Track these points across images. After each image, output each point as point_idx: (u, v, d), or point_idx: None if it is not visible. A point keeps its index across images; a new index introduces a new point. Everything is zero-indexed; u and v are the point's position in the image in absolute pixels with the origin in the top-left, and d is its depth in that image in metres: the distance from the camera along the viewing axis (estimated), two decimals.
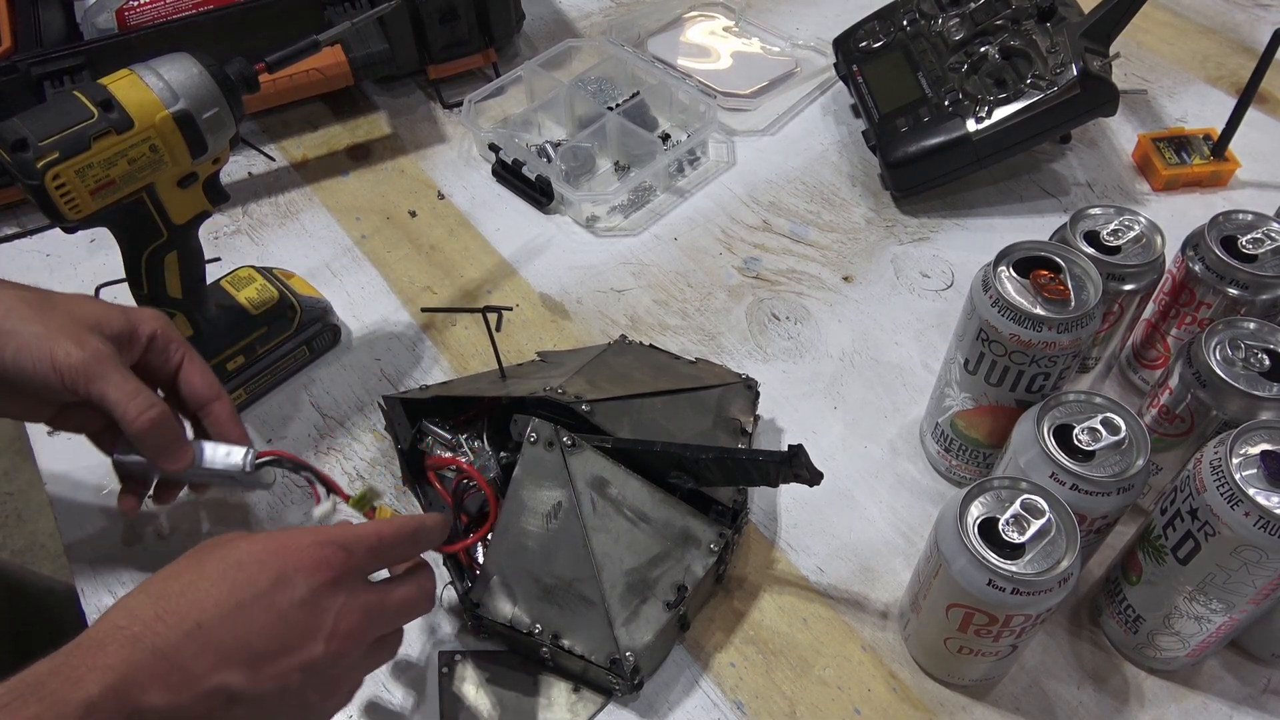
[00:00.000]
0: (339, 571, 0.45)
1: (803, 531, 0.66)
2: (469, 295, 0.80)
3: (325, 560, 0.45)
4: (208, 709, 0.40)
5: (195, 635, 0.40)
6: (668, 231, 0.86)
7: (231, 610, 0.42)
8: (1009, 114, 0.81)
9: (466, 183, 0.90)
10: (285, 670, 0.43)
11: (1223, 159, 0.88)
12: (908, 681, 0.59)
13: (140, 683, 0.38)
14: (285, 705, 0.43)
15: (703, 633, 0.61)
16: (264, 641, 0.42)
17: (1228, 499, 0.48)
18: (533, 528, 0.58)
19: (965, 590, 0.50)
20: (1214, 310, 0.64)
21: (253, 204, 0.88)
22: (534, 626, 0.56)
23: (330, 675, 0.45)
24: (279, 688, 0.42)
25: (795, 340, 0.77)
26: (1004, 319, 0.55)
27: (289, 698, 0.43)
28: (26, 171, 0.54)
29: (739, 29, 1.04)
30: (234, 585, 0.42)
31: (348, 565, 0.46)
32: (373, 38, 0.89)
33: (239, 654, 0.41)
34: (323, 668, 0.44)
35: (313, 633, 0.44)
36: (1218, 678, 0.59)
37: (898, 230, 0.86)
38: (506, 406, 0.63)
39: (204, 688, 0.40)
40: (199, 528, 0.66)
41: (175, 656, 0.40)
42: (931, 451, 0.68)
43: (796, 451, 0.55)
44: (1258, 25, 1.07)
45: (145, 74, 0.58)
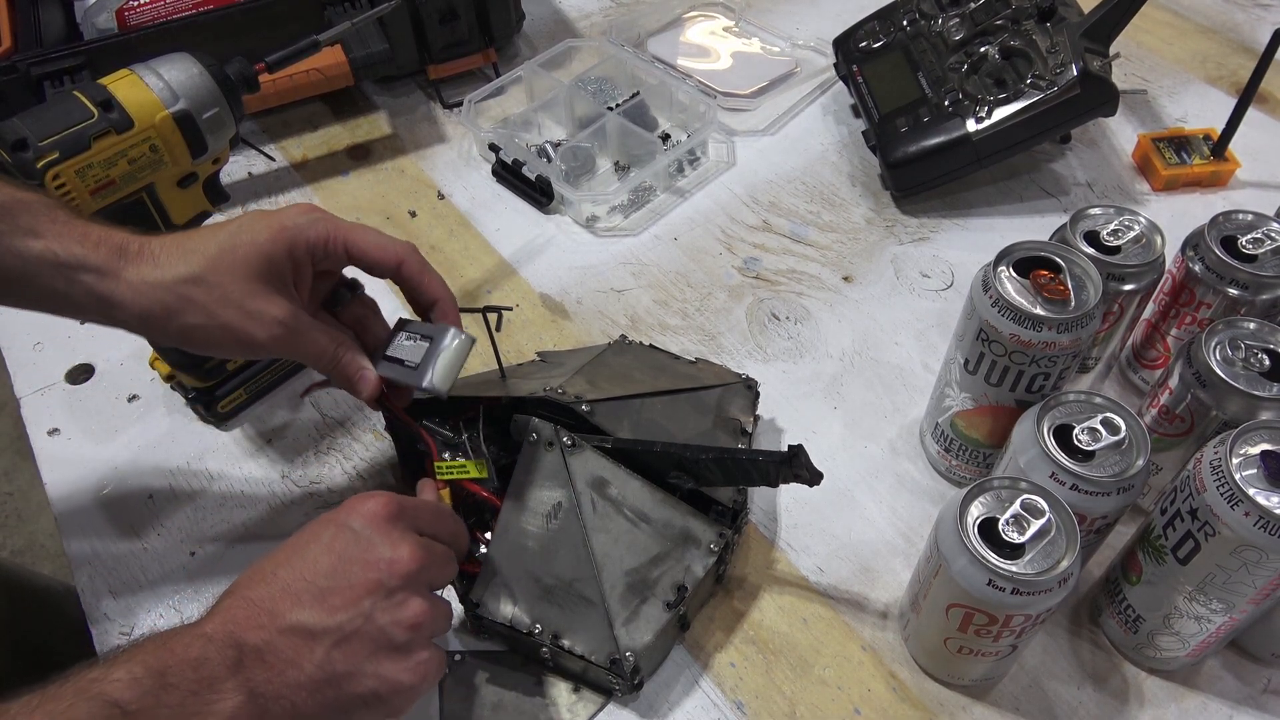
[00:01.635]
0: (391, 513, 0.50)
1: (803, 531, 0.66)
2: (469, 295, 0.80)
3: (378, 506, 0.50)
4: (293, 645, 0.45)
5: (272, 582, 0.47)
6: (668, 231, 0.86)
7: (300, 560, 0.48)
8: (1009, 114, 0.81)
9: (466, 183, 0.90)
10: (351, 600, 0.47)
11: (1223, 159, 0.88)
12: (908, 681, 0.59)
13: (240, 622, 0.45)
14: (364, 637, 0.47)
15: (703, 633, 0.61)
16: (327, 579, 0.47)
17: (1228, 499, 0.48)
18: (533, 528, 0.58)
19: (965, 590, 0.50)
20: (1214, 310, 0.64)
21: (253, 204, 0.88)
22: (534, 626, 0.56)
23: (399, 603, 0.48)
24: (350, 616, 0.47)
25: (795, 340, 0.77)
26: (1004, 319, 0.55)
27: (367, 629, 0.47)
28: (26, 171, 0.54)
29: (739, 29, 1.05)
30: (302, 541, 0.49)
31: (399, 512, 0.50)
32: (373, 38, 0.89)
33: (308, 592, 0.47)
34: (387, 594, 0.48)
35: (370, 564, 0.48)
36: (1218, 678, 0.59)
37: (898, 230, 0.86)
38: (506, 406, 0.63)
39: (284, 624, 0.45)
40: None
41: (261, 601, 0.46)
42: (931, 451, 0.68)
43: (796, 451, 0.55)
44: (1258, 25, 1.07)
45: (145, 74, 0.58)
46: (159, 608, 0.62)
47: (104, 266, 0.51)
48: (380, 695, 0.47)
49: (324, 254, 0.54)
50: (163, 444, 0.70)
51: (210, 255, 0.51)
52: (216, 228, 0.54)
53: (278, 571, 0.47)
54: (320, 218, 0.54)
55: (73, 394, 0.73)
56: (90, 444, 0.70)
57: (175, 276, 0.51)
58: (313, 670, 0.45)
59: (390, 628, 0.48)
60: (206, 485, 0.68)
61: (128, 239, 0.52)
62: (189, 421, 0.71)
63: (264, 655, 0.45)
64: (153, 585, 0.63)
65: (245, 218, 0.54)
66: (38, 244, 0.50)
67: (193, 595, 0.62)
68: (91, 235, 0.51)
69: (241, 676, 0.44)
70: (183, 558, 0.64)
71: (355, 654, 0.47)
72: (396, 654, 0.48)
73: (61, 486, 0.68)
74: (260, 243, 0.52)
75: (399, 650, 0.48)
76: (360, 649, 0.47)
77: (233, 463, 0.69)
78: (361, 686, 0.47)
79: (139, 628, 0.61)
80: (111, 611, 0.61)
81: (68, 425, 0.71)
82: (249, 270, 0.52)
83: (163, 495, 0.67)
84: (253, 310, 0.52)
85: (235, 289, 0.51)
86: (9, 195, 0.51)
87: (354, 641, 0.47)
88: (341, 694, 0.46)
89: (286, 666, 0.45)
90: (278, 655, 0.45)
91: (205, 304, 0.51)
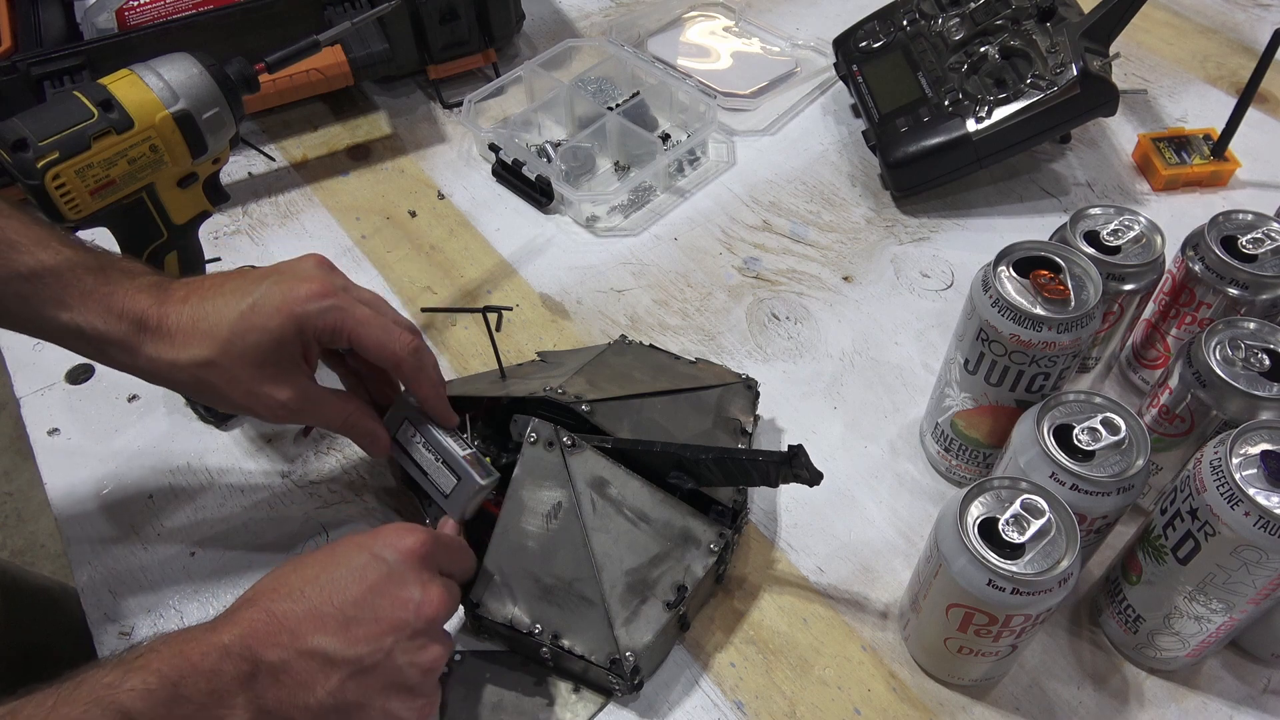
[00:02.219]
0: (427, 553, 0.50)
1: (803, 531, 0.66)
2: (469, 295, 0.80)
3: (415, 544, 0.50)
4: (308, 669, 0.45)
5: (299, 601, 0.46)
6: (668, 231, 0.86)
7: (329, 582, 0.47)
8: (1009, 114, 0.81)
9: (466, 183, 0.90)
10: (375, 634, 0.47)
11: (1223, 159, 0.88)
12: (908, 681, 0.59)
13: (259, 636, 0.45)
14: (380, 673, 0.47)
15: (703, 633, 0.61)
16: (355, 609, 0.47)
17: (1228, 499, 0.48)
18: (533, 528, 0.58)
19: (965, 590, 0.50)
20: (1214, 310, 0.64)
21: (253, 204, 0.88)
22: (534, 626, 0.56)
23: (420, 646, 0.48)
24: (371, 650, 0.47)
25: (795, 340, 0.77)
26: (1004, 319, 0.55)
27: (385, 665, 0.47)
28: (26, 171, 0.54)
29: (739, 29, 1.04)
30: (333, 561, 0.49)
31: (433, 553, 0.51)
32: (373, 38, 0.89)
33: (333, 619, 0.46)
34: (411, 635, 0.48)
35: (400, 602, 0.48)
36: (1218, 678, 0.59)
37: (898, 230, 0.86)
38: (506, 406, 0.63)
39: (304, 647, 0.45)
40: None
41: (284, 619, 0.46)
42: (931, 451, 0.68)
43: (796, 451, 0.55)
44: (1258, 25, 1.07)
45: (145, 74, 0.58)
46: (159, 608, 0.62)
47: (125, 342, 0.52)
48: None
49: (330, 341, 0.55)
50: (163, 444, 0.70)
51: (222, 339, 0.52)
52: (231, 296, 0.53)
53: (305, 590, 0.47)
54: (332, 306, 0.53)
55: (73, 394, 0.73)
56: (90, 444, 0.70)
57: (190, 359, 0.53)
58: (324, 696, 0.46)
59: (407, 668, 0.48)
60: (206, 485, 0.68)
61: (146, 310, 0.53)
62: (189, 421, 0.71)
63: (279, 674, 0.45)
64: (153, 585, 0.63)
65: (261, 288, 0.53)
66: (65, 315, 0.52)
67: (193, 595, 0.62)
68: (114, 307, 0.52)
69: (252, 692, 0.44)
70: (183, 558, 0.64)
71: (368, 688, 0.47)
72: (407, 694, 0.48)
73: (61, 486, 0.68)
74: (271, 329, 0.53)
75: (410, 691, 0.48)
76: (374, 683, 0.47)
77: (233, 463, 0.69)
78: (368, 718, 0.47)
79: (139, 628, 0.61)
80: (111, 611, 0.61)
81: (68, 425, 0.71)
82: (260, 356, 0.53)
83: (163, 495, 0.67)
84: (262, 394, 0.54)
85: (245, 374, 0.53)
86: (36, 262, 0.52)
87: (370, 675, 0.47)
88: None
89: (299, 689, 0.45)
90: (293, 676, 0.45)
91: (218, 386, 0.54)
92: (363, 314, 0.54)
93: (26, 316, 0.53)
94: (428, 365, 0.57)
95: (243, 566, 0.64)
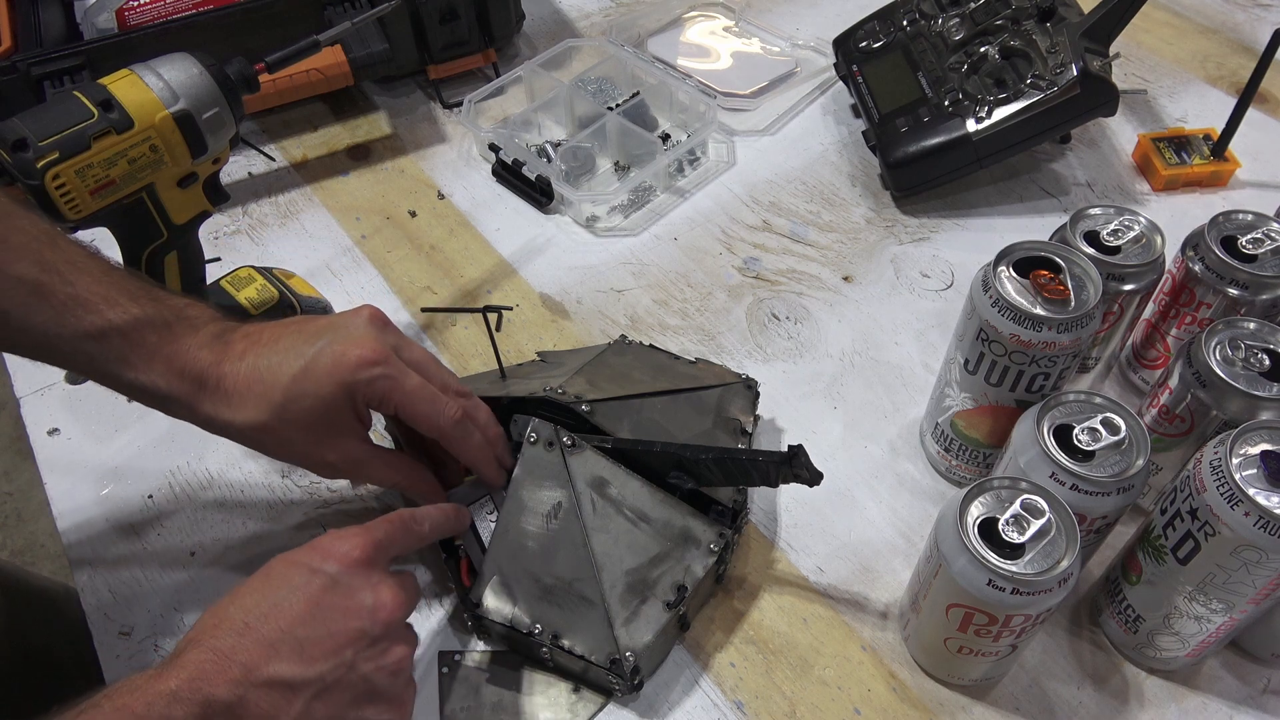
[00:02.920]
0: (368, 556, 0.49)
1: (803, 531, 0.66)
2: (469, 295, 0.80)
3: (353, 549, 0.48)
4: (271, 701, 0.44)
5: (245, 634, 0.44)
6: (668, 231, 0.86)
7: (272, 607, 0.46)
8: (1009, 114, 0.81)
9: (466, 183, 0.90)
10: (332, 649, 0.46)
11: (1223, 159, 0.88)
12: (908, 681, 0.59)
13: (208, 677, 0.43)
14: (345, 686, 0.46)
15: (703, 633, 0.61)
16: (306, 629, 0.45)
17: (1228, 499, 0.48)
18: (533, 528, 0.58)
19: (965, 590, 0.50)
20: (1214, 310, 0.64)
21: (253, 204, 0.88)
22: (534, 626, 0.56)
23: (382, 650, 0.48)
24: (332, 666, 0.45)
25: (795, 340, 0.77)
26: (1004, 319, 0.55)
27: (349, 678, 0.46)
28: (26, 171, 0.54)
29: (739, 29, 1.04)
30: (271, 585, 0.47)
31: (375, 552, 0.49)
32: (373, 38, 0.89)
33: (285, 644, 0.45)
34: (371, 642, 0.47)
35: (352, 611, 0.47)
36: (1218, 678, 0.59)
37: (898, 230, 0.86)
38: (506, 406, 0.63)
39: (260, 678, 0.43)
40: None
41: (232, 654, 0.44)
42: (931, 451, 0.68)
43: (796, 451, 0.55)
44: (1258, 25, 1.07)
45: (145, 74, 0.58)
46: (159, 608, 0.62)
47: (185, 401, 0.54)
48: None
49: (379, 408, 0.56)
50: (163, 444, 0.70)
51: (276, 404, 0.53)
52: (286, 355, 0.54)
53: (248, 620, 0.45)
54: (381, 375, 0.54)
55: (73, 394, 0.73)
56: (90, 444, 0.70)
57: (245, 422, 0.54)
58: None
59: (374, 674, 0.47)
60: (206, 485, 0.68)
61: (206, 369, 0.54)
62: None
63: (236, 711, 0.43)
64: (153, 585, 0.63)
65: (315, 347, 0.54)
66: (130, 374, 0.54)
67: (193, 595, 0.62)
68: (176, 366, 0.54)
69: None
70: (183, 558, 0.64)
71: (336, 704, 0.46)
72: (379, 701, 0.47)
73: (61, 486, 0.68)
74: (323, 395, 0.53)
75: (381, 696, 0.47)
76: (341, 698, 0.46)
77: (233, 463, 0.69)
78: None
79: (139, 628, 0.61)
80: (111, 611, 0.61)
81: (68, 425, 0.71)
82: (311, 420, 0.54)
83: (163, 495, 0.67)
84: (315, 456, 0.56)
85: (297, 438, 0.55)
86: (105, 322, 0.53)
87: (335, 692, 0.46)
88: None
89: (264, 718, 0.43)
90: (250, 711, 0.43)
91: (273, 447, 0.56)
92: (411, 385, 0.55)
93: (94, 372, 0.54)
94: (473, 432, 0.58)
95: (243, 566, 0.64)
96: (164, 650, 0.60)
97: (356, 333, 0.55)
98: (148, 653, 0.60)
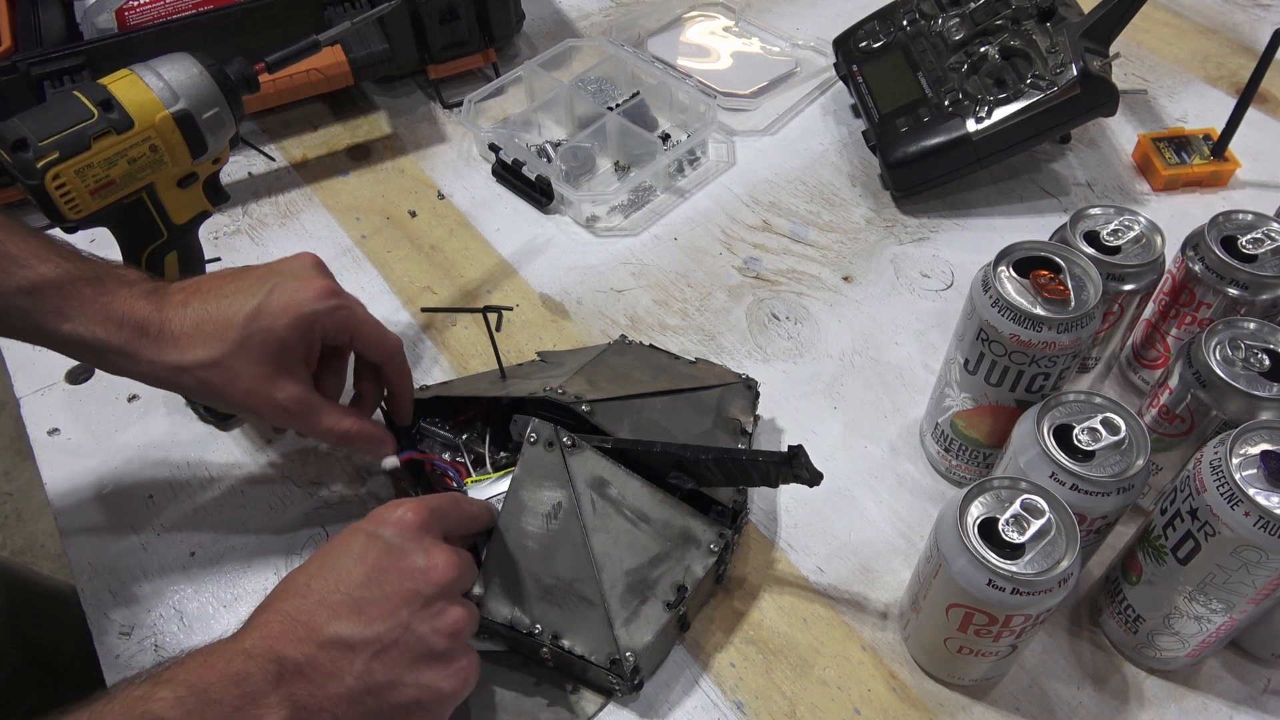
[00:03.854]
0: (423, 521, 0.50)
1: (803, 531, 0.66)
2: (469, 295, 0.80)
3: (408, 513, 0.50)
4: (332, 658, 0.46)
5: (308, 596, 0.47)
6: (668, 231, 0.86)
7: (333, 571, 0.48)
8: (1009, 114, 0.81)
9: (466, 183, 0.90)
10: (388, 610, 0.47)
11: (1223, 159, 0.88)
12: (908, 681, 0.59)
13: (277, 637, 0.45)
14: (403, 647, 0.47)
15: (703, 633, 0.61)
16: (363, 590, 0.47)
17: (1228, 499, 0.48)
18: (533, 528, 0.58)
19: (965, 590, 0.50)
20: (1214, 310, 0.64)
21: (253, 204, 0.88)
22: (534, 626, 0.56)
23: (437, 612, 0.48)
24: (388, 627, 0.47)
25: (795, 340, 0.77)
26: (1004, 319, 0.55)
27: (406, 638, 0.47)
28: (26, 171, 0.54)
29: (739, 29, 1.04)
30: (334, 551, 0.49)
31: (430, 519, 0.51)
32: (373, 38, 0.89)
33: (344, 605, 0.47)
34: (425, 603, 0.48)
35: (405, 572, 0.48)
36: (1218, 678, 0.59)
37: (898, 230, 0.86)
38: (506, 406, 0.63)
39: (322, 638, 0.46)
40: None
41: (297, 615, 0.46)
42: (931, 451, 0.68)
43: (796, 451, 0.55)
44: (1258, 25, 1.07)
45: (145, 74, 0.58)
46: (159, 608, 0.62)
47: (126, 349, 0.54)
48: (422, 703, 0.47)
49: (334, 339, 0.58)
50: (163, 444, 0.70)
51: (230, 340, 0.54)
52: (235, 297, 0.55)
53: (311, 584, 0.47)
54: (339, 305, 0.56)
55: (73, 394, 0.73)
56: (90, 444, 0.70)
57: (194, 361, 0.54)
58: (353, 682, 0.46)
59: (430, 636, 0.48)
60: (206, 485, 0.68)
61: (148, 316, 0.54)
62: (189, 421, 0.71)
63: (304, 669, 0.45)
64: (153, 585, 0.63)
65: (264, 288, 0.55)
66: (66, 325, 0.53)
67: (193, 595, 0.62)
68: (114, 315, 0.54)
69: (284, 690, 0.44)
70: (183, 558, 0.64)
71: (395, 664, 0.47)
72: (437, 662, 0.48)
73: (61, 486, 0.68)
74: (278, 329, 0.54)
75: (439, 658, 0.48)
76: (400, 658, 0.47)
77: (233, 463, 0.69)
78: (403, 695, 0.47)
79: (139, 628, 0.61)
80: (111, 611, 0.61)
81: (68, 425, 0.71)
82: (263, 356, 0.54)
83: (163, 495, 0.67)
84: (262, 394, 0.55)
85: (248, 372, 0.54)
86: (37, 276, 0.53)
87: (393, 651, 0.47)
88: (383, 704, 0.46)
89: (327, 679, 0.45)
90: (318, 669, 0.45)
91: (219, 385, 0.55)
92: (364, 314, 0.58)
93: (28, 328, 0.54)
94: (406, 368, 0.61)
95: (243, 566, 0.64)
96: (164, 650, 0.60)
97: (305, 273, 0.57)
98: (148, 653, 0.60)
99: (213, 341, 0.54)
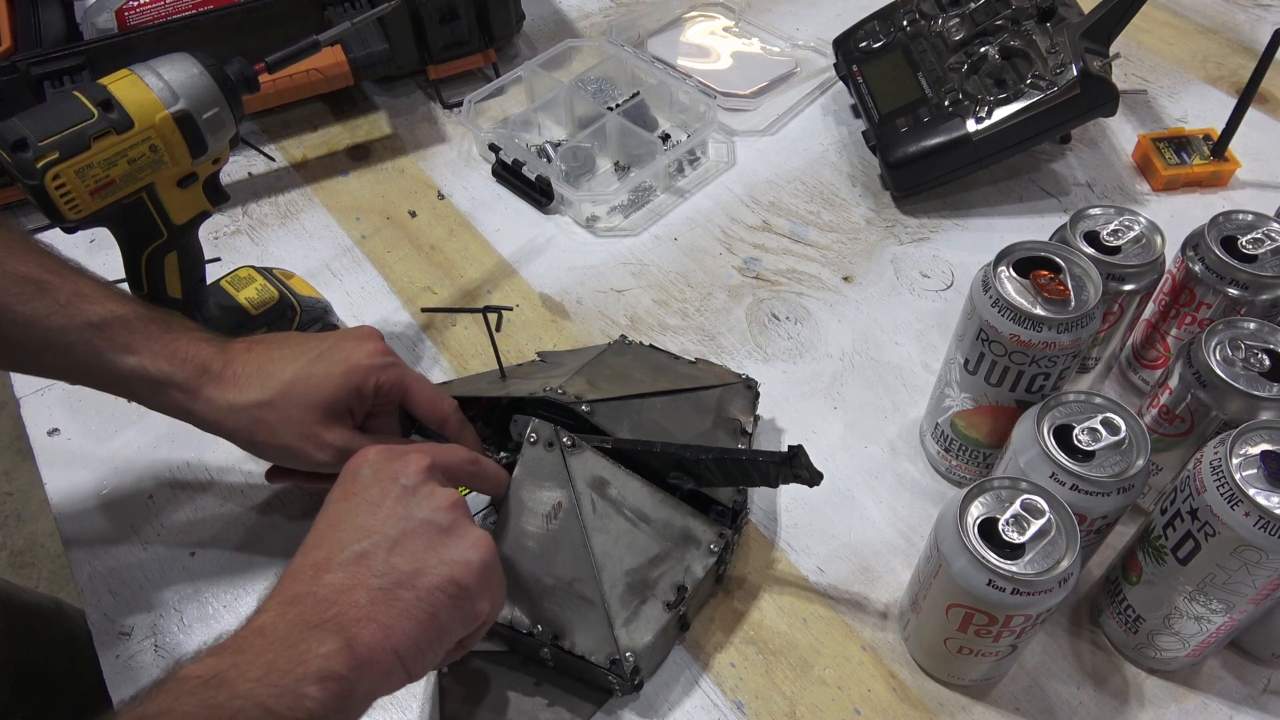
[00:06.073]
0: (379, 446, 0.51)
1: (803, 531, 0.66)
2: (469, 295, 0.80)
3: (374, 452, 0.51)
4: (350, 573, 0.46)
5: (312, 549, 0.48)
6: (668, 231, 0.86)
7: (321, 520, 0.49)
8: (1009, 114, 0.81)
9: (466, 183, 0.90)
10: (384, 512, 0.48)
11: (1223, 159, 0.88)
12: (908, 681, 0.59)
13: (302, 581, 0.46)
14: (413, 534, 0.48)
15: (703, 633, 0.61)
16: (352, 513, 0.48)
17: (1228, 499, 0.48)
18: (533, 528, 0.58)
19: (965, 590, 0.50)
20: (1214, 310, 0.64)
21: (253, 204, 0.88)
22: (534, 626, 0.56)
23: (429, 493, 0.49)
24: (390, 522, 0.48)
25: (795, 340, 0.77)
26: (1004, 319, 0.55)
27: (412, 525, 0.48)
28: (26, 171, 0.54)
29: (739, 29, 1.04)
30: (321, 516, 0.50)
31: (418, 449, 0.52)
32: (373, 38, 0.89)
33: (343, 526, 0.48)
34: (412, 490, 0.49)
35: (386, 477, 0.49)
36: (1218, 678, 0.59)
37: (898, 230, 0.86)
38: (506, 407, 0.63)
39: (335, 562, 0.46)
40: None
41: (305, 564, 0.47)
42: (931, 451, 0.68)
43: (796, 451, 0.55)
44: (1258, 25, 1.07)
45: (145, 74, 0.58)
46: (159, 608, 0.62)
47: (188, 384, 0.56)
48: (456, 579, 0.47)
49: (386, 397, 0.59)
50: (163, 444, 0.70)
51: (284, 382, 0.57)
52: (297, 349, 0.58)
53: (309, 541, 0.48)
54: (392, 364, 0.59)
55: (73, 394, 0.73)
56: (90, 444, 0.70)
57: (249, 400, 0.56)
58: (379, 581, 0.46)
59: (433, 514, 0.49)
60: (206, 485, 0.68)
61: (212, 357, 0.57)
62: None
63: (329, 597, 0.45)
64: (153, 585, 0.63)
65: (324, 345, 0.58)
66: (132, 359, 0.56)
67: (193, 595, 0.62)
68: (179, 352, 0.57)
69: (327, 624, 0.44)
70: (183, 558, 0.64)
71: (413, 551, 0.47)
72: (451, 536, 0.48)
73: (61, 486, 0.68)
74: (334, 376, 0.57)
75: (450, 532, 0.49)
76: (415, 544, 0.47)
77: (233, 463, 0.69)
78: (435, 577, 0.47)
79: (139, 628, 0.61)
80: (111, 611, 0.61)
81: (68, 425, 0.71)
82: (315, 401, 0.57)
83: (163, 495, 0.67)
84: (312, 435, 0.57)
85: (300, 415, 0.57)
86: (107, 311, 0.56)
87: (406, 541, 0.47)
88: (419, 592, 0.46)
89: (353, 590, 0.45)
90: (339, 588, 0.45)
91: (272, 425, 0.57)
92: (416, 376, 0.60)
93: (91, 362, 0.56)
94: (469, 427, 0.62)
95: (243, 566, 0.64)
96: (164, 650, 0.60)
97: (364, 336, 0.60)
98: (147, 653, 0.60)
99: (269, 382, 0.56)
